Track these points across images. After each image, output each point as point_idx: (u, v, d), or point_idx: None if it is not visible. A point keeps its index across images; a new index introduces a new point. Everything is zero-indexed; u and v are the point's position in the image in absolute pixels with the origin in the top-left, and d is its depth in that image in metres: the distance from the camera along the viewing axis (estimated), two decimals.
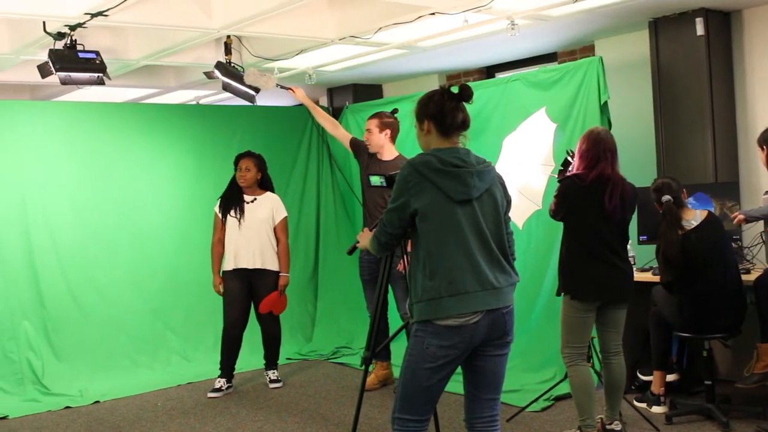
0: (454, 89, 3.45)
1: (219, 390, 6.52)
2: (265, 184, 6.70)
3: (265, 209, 6.57)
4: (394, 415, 3.40)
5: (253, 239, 6.51)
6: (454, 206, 3.27)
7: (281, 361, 6.98)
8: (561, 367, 5.31)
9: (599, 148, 4.58)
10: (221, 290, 6.55)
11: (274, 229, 6.59)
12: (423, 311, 3.27)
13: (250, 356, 7.02)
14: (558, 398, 5.72)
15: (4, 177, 6.68)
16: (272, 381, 6.73)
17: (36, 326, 6.73)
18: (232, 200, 6.59)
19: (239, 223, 6.50)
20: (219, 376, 6.59)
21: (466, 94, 3.43)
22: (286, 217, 6.67)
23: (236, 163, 6.62)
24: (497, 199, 3.39)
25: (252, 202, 6.58)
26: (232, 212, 6.55)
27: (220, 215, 6.60)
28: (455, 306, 3.21)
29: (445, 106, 3.41)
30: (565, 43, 6.89)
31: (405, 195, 3.30)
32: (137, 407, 6.25)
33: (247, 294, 6.57)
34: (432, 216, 3.27)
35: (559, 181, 4.77)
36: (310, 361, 7.57)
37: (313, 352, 7.78)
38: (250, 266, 6.51)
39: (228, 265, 6.56)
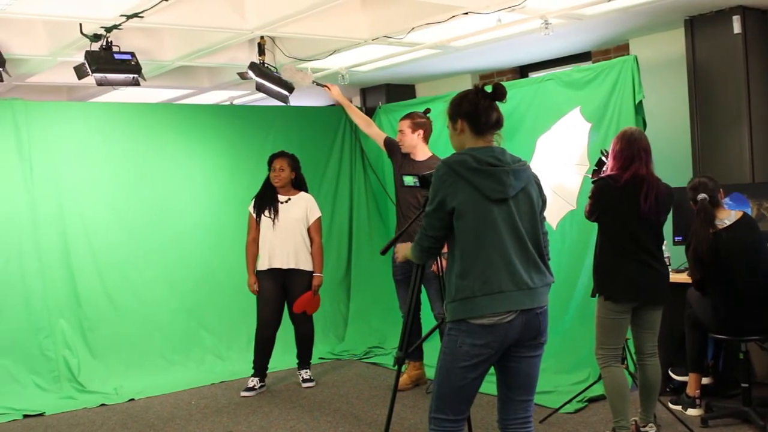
0: (488, 88, 3.44)
1: (252, 389, 6.55)
2: (299, 184, 6.71)
3: (299, 209, 6.59)
4: (431, 415, 3.39)
5: (286, 239, 6.53)
6: (490, 205, 3.26)
7: (314, 360, 6.99)
8: (595, 368, 5.27)
9: (633, 148, 4.54)
10: (256, 289, 6.58)
11: (308, 229, 6.61)
12: (457, 310, 3.27)
13: (283, 355, 7.04)
14: (592, 400, 5.69)
15: (42, 177, 6.76)
16: (305, 380, 6.75)
17: (72, 325, 6.80)
18: (267, 200, 6.62)
19: (273, 223, 6.53)
20: (252, 376, 6.62)
21: (499, 93, 3.41)
22: (320, 217, 6.69)
23: (270, 163, 6.64)
24: (533, 198, 3.37)
25: (286, 202, 6.60)
26: (267, 212, 6.57)
27: (254, 215, 6.63)
28: (489, 305, 3.20)
29: (480, 105, 3.40)
30: (600, 42, 6.84)
31: (441, 193, 3.29)
32: (171, 405, 6.30)
33: (280, 294, 6.59)
34: (468, 215, 3.26)
35: (593, 182, 4.73)
36: (342, 360, 7.58)
37: (345, 351, 7.79)
38: (284, 266, 6.53)
39: (262, 264, 6.59)
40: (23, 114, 6.68)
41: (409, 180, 4.54)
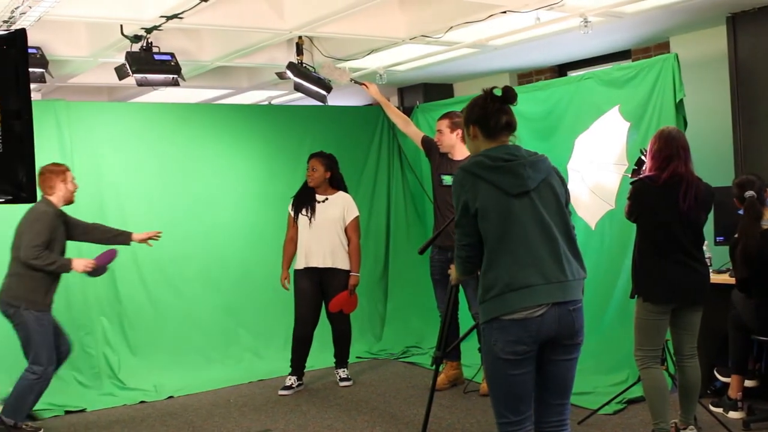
0: (497, 92, 3.44)
1: (290, 388, 6.58)
2: (336, 184, 6.72)
3: (336, 209, 6.61)
4: (496, 421, 3.37)
5: (323, 238, 6.55)
6: (510, 200, 3.25)
7: (351, 359, 7.01)
8: (634, 369, 5.22)
9: (672, 147, 4.48)
10: (287, 285, 6.60)
11: (346, 228, 6.62)
12: (488, 310, 3.26)
13: (321, 354, 7.06)
14: (631, 401, 5.63)
15: (83, 176, 6.82)
16: (342, 379, 6.76)
17: (112, 322, 6.88)
18: (304, 199, 6.65)
19: (310, 222, 6.56)
20: (290, 374, 6.65)
21: (509, 96, 3.43)
22: (357, 216, 6.69)
23: (307, 163, 6.69)
24: (556, 189, 3.35)
25: (323, 201, 6.62)
26: (304, 211, 6.60)
27: (292, 214, 6.66)
28: (518, 300, 3.18)
29: (488, 109, 3.42)
30: (640, 40, 6.77)
31: (463, 198, 3.30)
32: (210, 403, 6.35)
33: (317, 292, 6.61)
34: (490, 213, 3.25)
35: (631, 183, 4.69)
36: (379, 360, 7.59)
37: (383, 351, 7.79)
38: (321, 265, 6.55)
39: (299, 263, 6.62)
40: (65, 114, 6.78)
41: (447, 179, 4.55)
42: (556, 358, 3.30)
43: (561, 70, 7.82)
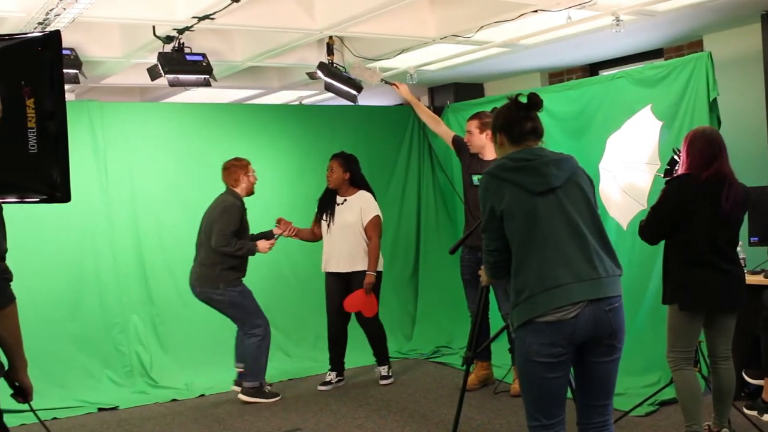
0: (523, 99, 3.43)
1: (328, 383, 6.67)
2: (357, 183, 6.71)
3: (353, 211, 6.60)
4: (527, 424, 3.35)
5: (340, 243, 6.59)
6: (535, 199, 3.23)
7: (371, 361, 7.00)
8: (666, 371, 5.18)
9: (714, 146, 4.41)
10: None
11: (365, 228, 6.62)
12: (521, 313, 3.23)
13: (352, 353, 7.09)
14: (663, 403, 5.58)
15: (116, 176, 6.92)
16: (382, 377, 6.78)
17: (144, 320, 6.94)
18: (327, 202, 6.72)
19: (328, 227, 6.64)
20: (329, 370, 6.73)
21: (534, 103, 3.42)
22: (377, 215, 6.64)
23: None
24: (583, 186, 3.32)
25: (342, 203, 6.65)
26: (324, 216, 6.69)
27: (317, 216, 6.76)
28: (549, 301, 3.15)
29: (512, 116, 3.42)
30: (672, 39, 6.71)
31: (489, 202, 3.29)
32: (240, 401, 6.38)
33: (343, 292, 6.63)
34: (516, 214, 3.23)
35: (667, 182, 4.62)
36: (410, 359, 7.58)
37: (413, 350, 7.79)
38: (341, 270, 6.60)
39: (323, 267, 6.70)
40: (98, 115, 6.86)
41: (477, 179, 4.54)
42: (596, 359, 3.27)
43: (592, 69, 7.78)
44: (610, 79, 6.56)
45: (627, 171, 5.77)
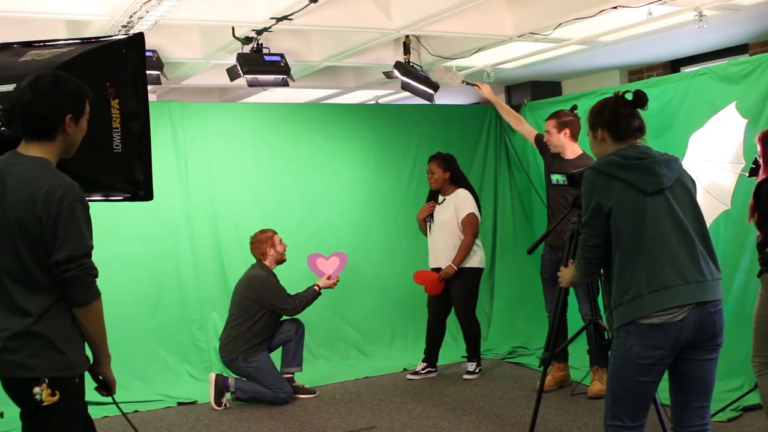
0: (628, 96, 3.37)
1: (417, 373, 6.85)
2: (457, 180, 6.86)
3: (449, 210, 6.75)
4: (606, 423, 3.32)
5: (440, 242, 6.80)
6: (645, 199, 3.19)
7: (456, 359, 7.00)
8: (750, 376, 5.04)
9: None
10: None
11: (461, 224, 6.74)
12: (625, 313, 3.18)
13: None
14: (747, 409, 5.43)
15: (196, 175, 7.05)
16: (467, 372, 6.87)
17: (223, 317, 7.01)
18: (433, 199, 6.93)
19: (430, 227, 6.85)
20: (422, 360, 6.92)
21: (641, 101, 3.37)
22: (471, 213, 6.74)
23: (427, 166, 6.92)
24: (689, 188, 3.28)
25: (442, 203, 6.83)
26: (428, 217, 6.89)
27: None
28: (657, 302, 3.11)
29: (620, 114, 3.37)
30: (758, 34, 6.52)
31: (595, 198, 3.24)
32: (316, 399, 6.43)
33: (443, 286, 6.78)
34: (625, 213, 3.19)
35: (761, 180, 4.47)
36: (485, 360, 7.53)
37: (488, 351, 7.73)
38: (441, 266, 6.78)
39: (430, 263, 6.92)
40: (179, 115, 7.00)
41: (556, 178, 4.49)
42: (694, 357, 3.22)
43: (674, 65, 7.61)
44: (692, 76, 6.41)
45: (710, 170, 5.66)
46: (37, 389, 2.85)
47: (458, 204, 6.74)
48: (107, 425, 5.63)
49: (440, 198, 6.85)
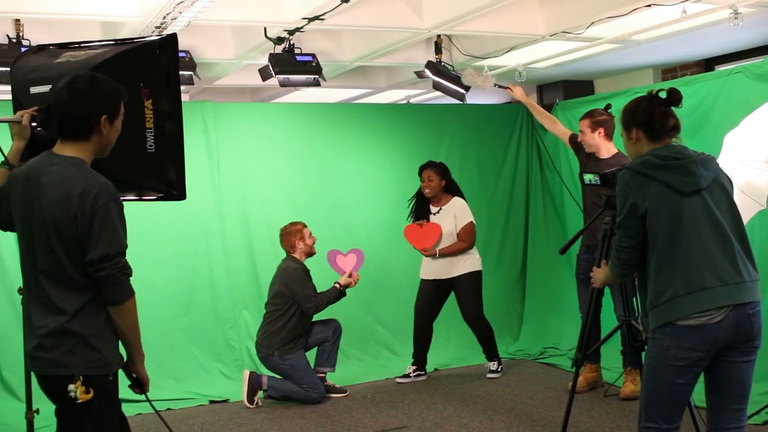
0: (662, 94, 3.34)
1: (407, 376, 6.85)
2: (451, 189, 6.83)
3: (448, 222, 6.74)
4: (640, 425, 3.29)
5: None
6: (682, 199, 3.16)
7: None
8: None
9: None
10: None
11: (458, 234, 6.71)
12: (661, 314, 3.16)
13: (460, 351, 7.11)
14: None
15: (228, 174, 7.09)
16: (490, 371, 6.86)
17: (254, 316, 7.07)
18: (421, 213, 6.87)
19: None
20: (411, 364, 6.91)
21: (675, 99, 3.33)
22: (470, 222, 6.74)
23: (420, 173, 6.84)
24: (727, 188, 3.25)
25: (437, 213, 6.79)
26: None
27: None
28: (694, 304, 3.08)
29: (655, 113, 3.33)
30: None
31: (631, 199, 3.22)
32: (347, 398, 6.44)
33: (438, 288, 6.80)
34: (661, 213, 3.17)
35: None
36: (516, 360, 7.51)
37: (520, 351, 7.70)
38: (440, 277, 6.76)
39: (421, 273, 6.90)
40: (211, 115, 7.04)
41: (589, 177, 4.46)
42: (730, 359, 3.18)
43: (708, 64, 7.53)
44: (727, 75, 6.33)
45: (745, 169, 5.59)
46: (71, 387, 2.88)
47: (457, 213, 6.73)
48: (140, 422, 5.68)
49: (433, 209, 6.82)
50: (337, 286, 6.46)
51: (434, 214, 6.81)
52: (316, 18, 5.38)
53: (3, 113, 3.37)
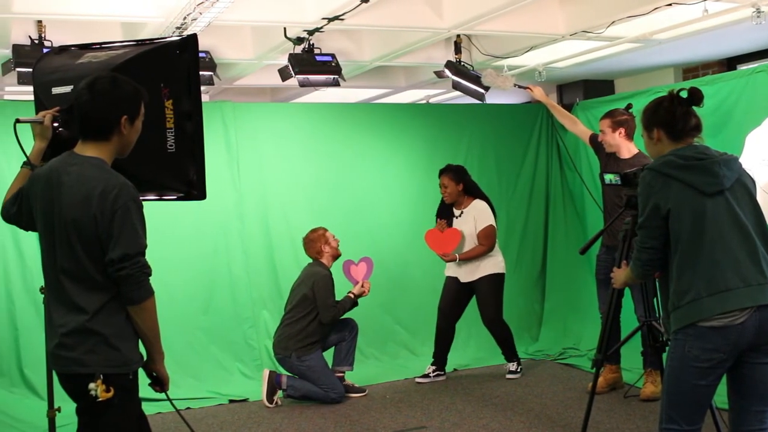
0: (683, 94, 3.32)
1: (426, 376, 6.84)
2: (471, 191, 6.83)
3: (468, 224, 6.75)
4: (662, 426, 3.28)
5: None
6: (705, 200, 3.14)
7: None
8: None
9: None
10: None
11: (478, 235, 6.71)
12: (684, 316, 3.14)
13: (480, 352, 7.10)
14: None
15: (247, 174, 7.11)
16: (509, 372, 6.86)
17: (274, 316, 7.08)
18: (445, 213, 6.89)
19: None
20: (431, 364, 6.91)
21: (696, 98, 3.31)
22: (490, 225, 6.72)
23: (439, 178, 6.87)
24: (750, 188, 3.22)
25: (459, 216, 6.79)
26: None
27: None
28: (717, 305, 3.06)
29: (676, 112, 3.31)
30: None
31: (653, 199, 3.20)
32: (366, 398, 6.44)
33: (463, 292, 6.80)
34: (684, 214, 3.15)
35: None
36: (536, 360, 7.48)
37: (539, 351, 7.68)
38: (463, 280, 6.78)
39: (446, 271, 6.90)
40: (231, 115, 7.06)
41: (609, 177, 4.44)
42: (753, 361, 3.16)
43: (730, 63, 7.47)
44: (749, 74, 6.28)
45: (767, 169, 5.54)
46: (92, 385, 2.90)
47: (477, 215, 6.72)
48: (160, 421, 5.71)
49: (456, 212, 6.82)
50: (351, 296, 6.48)
51: (457, 216, 6.82)
52: (336, 18, 5.39)
53: (25, 114, 3.39)
